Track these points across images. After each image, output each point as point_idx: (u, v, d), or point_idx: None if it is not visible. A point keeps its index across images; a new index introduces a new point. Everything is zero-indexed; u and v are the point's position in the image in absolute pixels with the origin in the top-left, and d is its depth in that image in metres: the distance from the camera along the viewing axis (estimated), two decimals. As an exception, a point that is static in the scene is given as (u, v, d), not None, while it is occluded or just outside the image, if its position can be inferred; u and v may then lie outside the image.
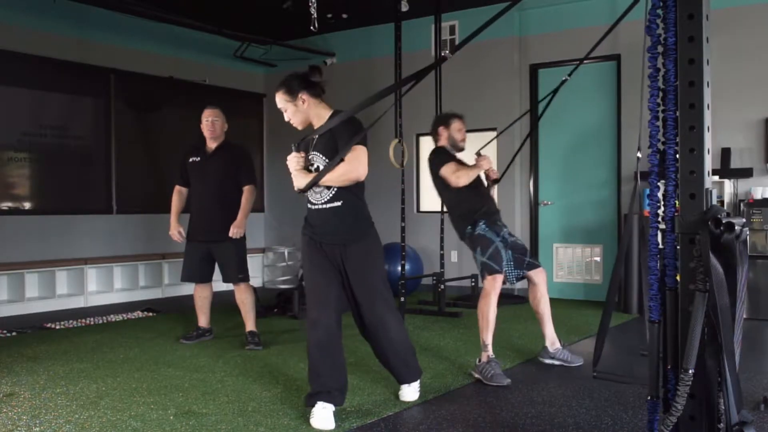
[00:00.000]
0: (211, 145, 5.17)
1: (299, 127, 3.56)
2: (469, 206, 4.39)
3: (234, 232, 5.00)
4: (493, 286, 4.16)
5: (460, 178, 4.31)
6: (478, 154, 4.48)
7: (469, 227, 4.35)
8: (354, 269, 3.42)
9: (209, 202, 5.09)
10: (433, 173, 4.46)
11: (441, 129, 4.55)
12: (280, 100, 3.49)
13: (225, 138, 5.21)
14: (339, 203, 3.39)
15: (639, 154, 2.35)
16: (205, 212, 5.12)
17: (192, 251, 5.18)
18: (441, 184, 4.44)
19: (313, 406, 3.26)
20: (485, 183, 4.61)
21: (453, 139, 4.52)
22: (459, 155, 4.57)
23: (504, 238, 4.34)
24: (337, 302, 3.41)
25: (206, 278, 5.23)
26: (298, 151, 3.37)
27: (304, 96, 3.45)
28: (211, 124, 5.13)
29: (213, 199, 5.08)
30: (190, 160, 5.20)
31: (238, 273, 5.09)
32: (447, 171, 4.36)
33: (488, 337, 4.11)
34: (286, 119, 3.53)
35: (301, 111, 3.47)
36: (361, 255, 3.44)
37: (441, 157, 4.47)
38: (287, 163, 3.38)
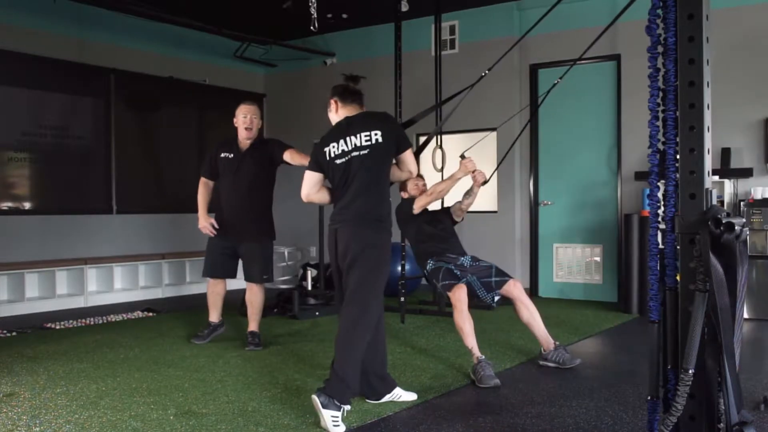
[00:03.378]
0: (245, 142, 5.03)
1: None
2: (425, 249, 4.62)
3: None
4: (458, 298, 4.18)
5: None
6: (462, 156, 4.44)
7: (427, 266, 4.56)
8: None
9: (240, 200, 4.99)
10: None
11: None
12: None
13: (259, 135, 5.12)
14: None
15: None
16: (234, 210, 5.01)
17: (216, 247, 5.11)
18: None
19: (347, 404, 3.23)
20: (473, 190, 4.66)
21: None
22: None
23: (459, 265, 4.47)
24: None
25: (229, 274, 5.18)
26: None
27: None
28: (249, 121, 4.98)
29: (244, 197, 4.98)
30: (222, 155, 5.06)
31: (263, 273, 5.04)
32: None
33: (469, 342, 4.13)
34: None
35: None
36: None
37: None
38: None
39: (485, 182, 4.58)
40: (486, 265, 4.49)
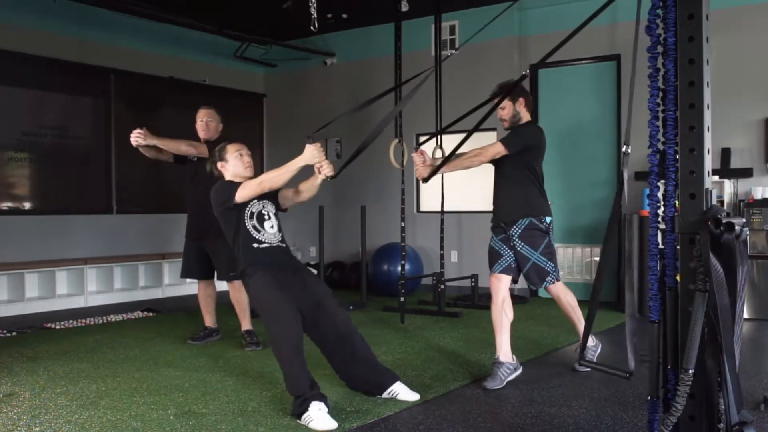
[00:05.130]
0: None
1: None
2: None
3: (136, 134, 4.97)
4: (492, 288, 4.08)
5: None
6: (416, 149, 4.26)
7: None
8: (325, 289, 3.73)
9: (202, 203, 5.08)
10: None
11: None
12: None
13: (219, 138, 5.20)
14: (285, 244, 3.81)
15: (625, 149, 2.18)
16: (197, 211, 5.14)
17: (189, 249, 5.25)
18: None
19: (306, 411, 3.24)
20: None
21: None
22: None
23: (504, 238, 4.08)
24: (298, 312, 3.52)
25: (205, 275, 5.24)
26: None
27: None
28: (205, 125, 5.15)
29: (204, 198, 5.08)
30: (188, 158, 5.21)
31: (228, 271, 5.09)
32: None
33: (498, 338, 4.03)
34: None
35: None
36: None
37: None
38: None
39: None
40: (526, 255, 4.02)
